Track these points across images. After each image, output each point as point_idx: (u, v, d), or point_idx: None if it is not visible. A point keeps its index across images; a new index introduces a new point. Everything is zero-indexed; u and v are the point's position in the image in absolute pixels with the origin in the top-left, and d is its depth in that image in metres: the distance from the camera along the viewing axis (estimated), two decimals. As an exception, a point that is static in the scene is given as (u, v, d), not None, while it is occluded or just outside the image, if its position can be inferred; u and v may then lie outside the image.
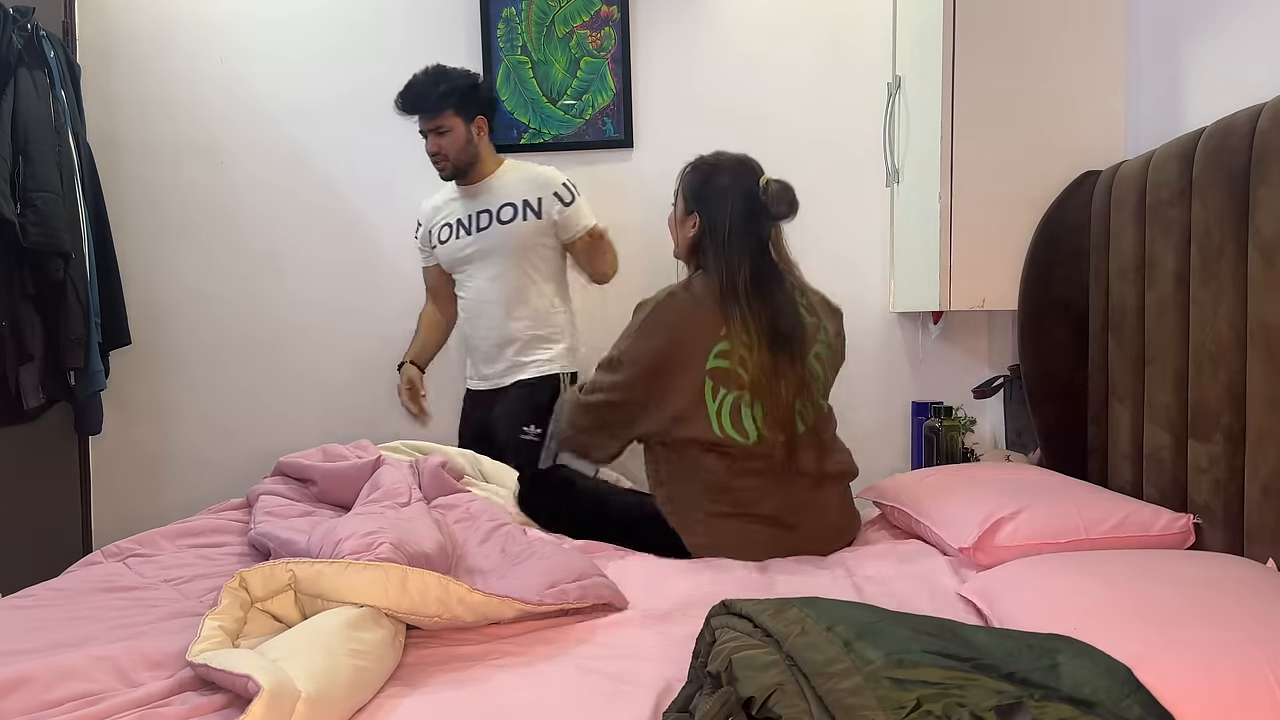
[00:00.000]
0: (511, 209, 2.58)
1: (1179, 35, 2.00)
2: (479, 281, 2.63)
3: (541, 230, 2.59)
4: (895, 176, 2.82)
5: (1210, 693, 1.00)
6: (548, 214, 2.59)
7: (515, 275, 2.59)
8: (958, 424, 2.73)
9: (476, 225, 2.61)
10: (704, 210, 1.96)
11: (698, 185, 2.01)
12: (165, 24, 3.12)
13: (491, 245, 2.59)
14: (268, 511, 1.84)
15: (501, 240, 2.58)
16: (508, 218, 2.58)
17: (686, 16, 3.02)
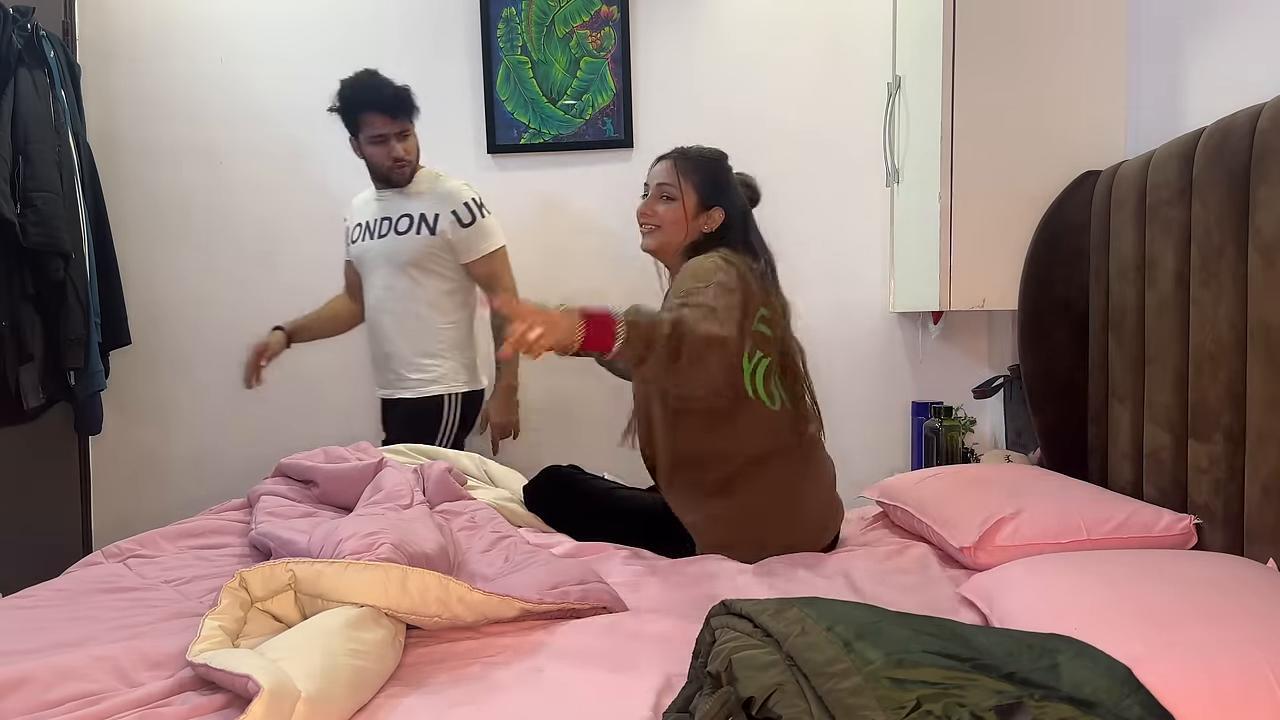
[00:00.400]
0: (408, 220, 2.54)
1: (1179, 35, 2.00)
2: (373, 288, 2.60)
3: (435, 246, 2.53)
4: (895, 176, 2.82)
5: (1210, 693, 1.00)
6: (441, 232, 2.52)
7: (405, 287, 2.54)
8: (958, 424, 2.73)
9: (379, 231, 2.58)
10: (725, 202, 1.97)
11: (717, 178, 1.99)
12: (165, 24, 3.12)
13: (387, 253, 2.55)
14: (269, 512, 1.84)
15: (395, 250, 2.54)
16: (404, 228, 2.54)
17: (686, 16, 3.02)
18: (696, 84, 3.03)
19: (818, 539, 1.87)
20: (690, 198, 1.95)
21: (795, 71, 2.99)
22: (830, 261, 3.03)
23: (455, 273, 2.58)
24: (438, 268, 2.55)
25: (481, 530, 1.79)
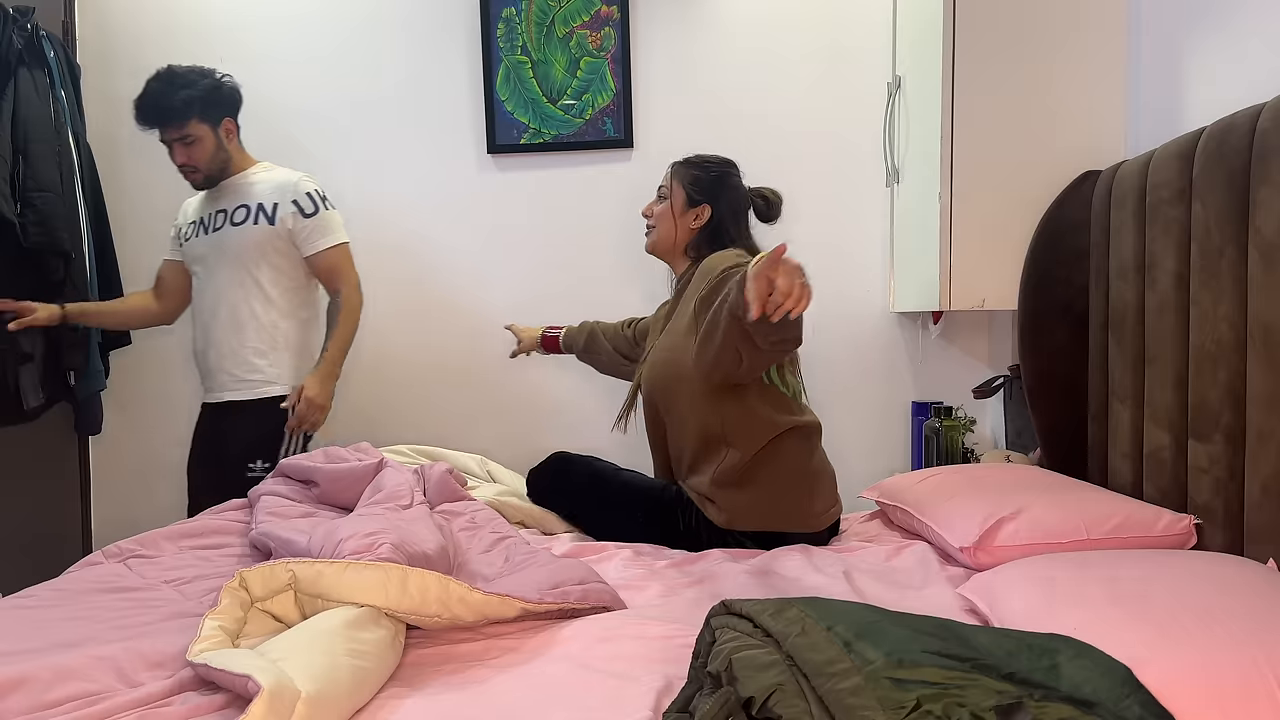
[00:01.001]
0: (245, 211, 2.40)
1: (1179, 35, 2.00)
2: (206, 284, 2.46)
3: (274, 237, 2.40)
4: (895, 176, 2.82)
5: (1210, 693, 1.00)
6: (282, 221, 2.40)
7: (240, 282, 2.40)
8: (958, 424, 2.73)
9: (212, 225, 2.43)
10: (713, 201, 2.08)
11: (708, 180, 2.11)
12: (165, 25, 3.12)
13: (221, 247, 2.41)
14: (270, 512, 1.84)
15: (230, 242, 2.40)
16: (240, 219, 2.40)
17: (686, 16, 3.02)
18: (696, 84, 3.03)
19: (828, 514, 1.98)
20: (678, 195, 2.11)
21: (795, 71, 2.99)
22: (830, 261, 3.03)
23: (295, 267, 2.45)
24: (278, 260, 2.41)
25: (481, 531, 1.79)
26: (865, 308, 3.03)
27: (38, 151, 2.48)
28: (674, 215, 2.10)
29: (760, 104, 3.01)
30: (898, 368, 3.03)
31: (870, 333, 3.03)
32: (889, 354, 3.03)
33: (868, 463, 2.99)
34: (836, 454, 3.05)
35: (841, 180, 2.99)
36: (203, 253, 2.45)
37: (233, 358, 2.42)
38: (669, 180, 2.14)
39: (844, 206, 3.00)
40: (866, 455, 3.02)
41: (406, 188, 3.13)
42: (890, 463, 3.00)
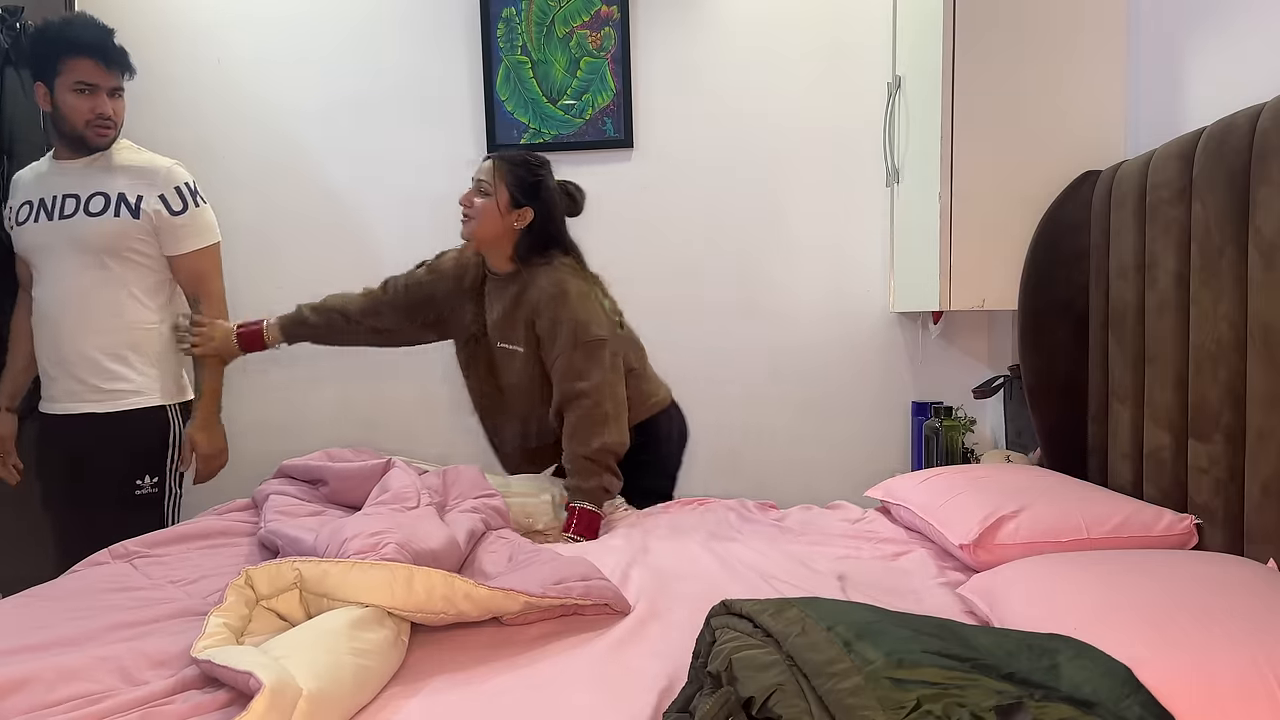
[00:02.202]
0: (103, 200, 2.12)
1: (1179, 35, 2.00)
2: (52, 280, 2.14)
3: (137, 231, 2.14)
4: (895, 176, 2.82)
5: (1210, 693, 1.00)
6: (145, 215, 2.14)
7: (97, 278, 2.12)
8: (958, 424, 2.73)
9: (60, 210, 2.11)
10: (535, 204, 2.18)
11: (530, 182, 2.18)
12: (163, 25, 3.12)
13: (72, 238, 2.10)
14: (279, 510, 1.84)
15: (85, 233, 2.10)
16: (96, 209, 2.11)
17: (686, 16, 3.02)
18: (696, 84, 3.03)
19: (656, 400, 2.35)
20: (502, 194, 2.16)
21: (795, 71, 2.99)
22: (830, 261, 3.03)
23: (160, 265, 2.20)
24: (140, 258, 2.16)
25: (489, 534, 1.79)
26: (865, 308, 3.03)
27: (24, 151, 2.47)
28: (498, 213, 2.16)
29: (760, 104, 3.01)
30: (898, 368, 3.03)
31: (870, 333, 3.03)
32: (889, 354, 3.03)
33: (868, 463, 2.99)
34: (837, 454, 3.07)
35: (841, 180, 3.00)
36: (46, 241, 2.12)
37: (87, 364, 2.13)
38: (491, 176, 2.17)
39: (844, 206, 3.01)
40: (866, 455, 3.03)
41: (406, 188, 3.14)
42: (890, 463, 3.00)
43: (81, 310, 2.13)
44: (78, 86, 2.09)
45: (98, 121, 2.12)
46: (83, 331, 2.13)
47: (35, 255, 2.16)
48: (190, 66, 3.13)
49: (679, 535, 1.93)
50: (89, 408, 2.14)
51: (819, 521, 2.11)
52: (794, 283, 3.05)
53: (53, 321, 2.15)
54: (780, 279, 3.05)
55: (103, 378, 2.14)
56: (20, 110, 2.48)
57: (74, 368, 2.13)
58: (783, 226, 3.04)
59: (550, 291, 2.11)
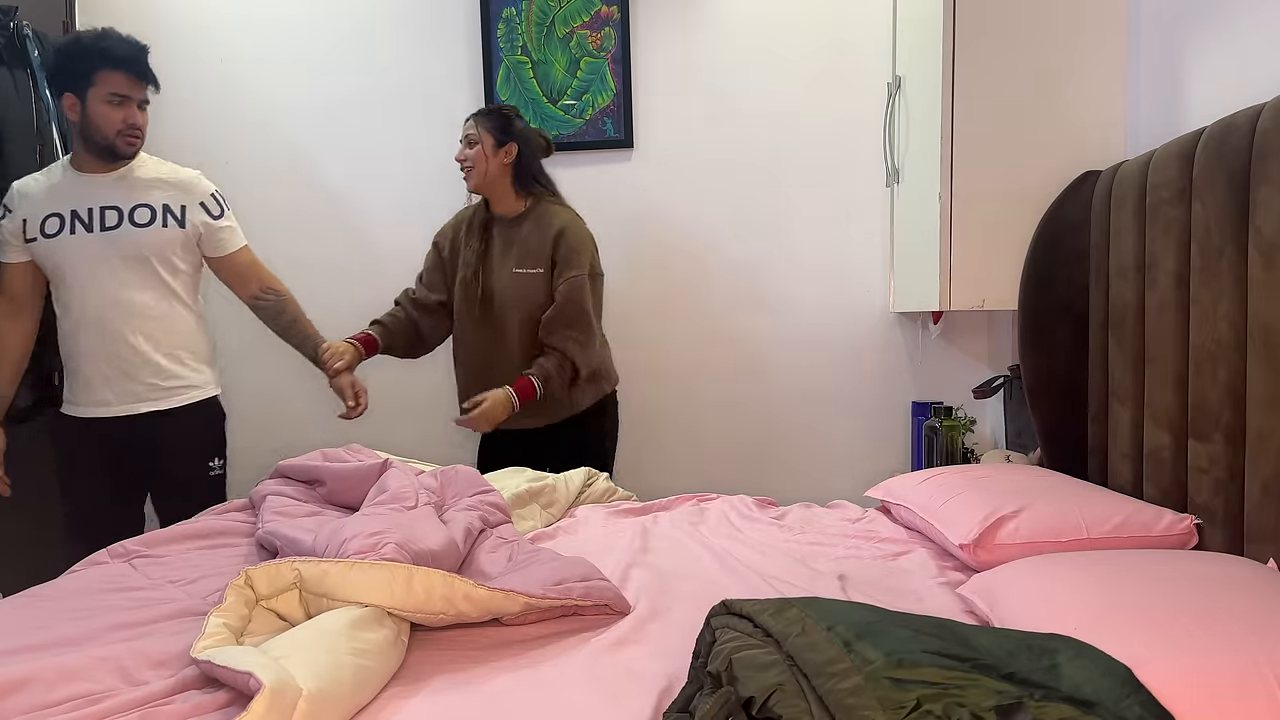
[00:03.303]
0: (149, 211, 2.23)
1: (1179, 35, 2.00)
2: (102, 289, 2.21)
3: (182, 240, 2.28)
4: (895, 176, 2.82)
5: (1210, 693, 1.00)
6: (193, 224, 2.29)
7: (150, 286, 2.24)
8: (958, 424, 2.73)
9: (101, 223, 2.20)
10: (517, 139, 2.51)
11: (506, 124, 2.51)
12: (166, 25, 3.12)
13: (121, 248, 2.20)
14: (276, 511, 1.84)
15: (133, 243, 2.21)
16: (143, 220, 2.22)
17: (686, 16, 3.02)
18: (696, 84, 3.03)
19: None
20: (487, 140, 2.49)
21: (795, 71, 3.00)
22: (830, 261, 3.03)
23: (195, 269, 2.36)
24: (182, 264, 2.30)
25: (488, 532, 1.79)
26: (865, 308, 3.03)
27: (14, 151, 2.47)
28: (487, 156, 2.48)
29: (760, 104, 3.01)
30: (898, 368, 3.03)
31: (870, 333, 3.03)
32: (889, 354, 3.03)
33: (868, 463, 3.00)
34: (837, 453, 3.07)
35: (841, 180, 3.00)
36: (89, 252, 2.20)
37: (149, 367, 2.24)
38: (475, 129, 2.50)
39: (844, 206, 3.01)
40: (866, 455, 3.03)
41: (405, 188, 3.14)
42: (890, 463, 3.00)
43: (139, 317, 2.24)
44: (111, 98, 2.18)
45: (129, 131, 2.22)
46: (142, 337, 2.25)
47: (73, 266, 2.22)
48: (192, 67, 3.13)
49: (679, 534, 1.93)
50: (151, 407, 2.26)
51: (819, 521, 2.11)
52: (794, 282, 3.05)
53: (105, 328, 2.23)
54: (780, 279, 3.05)
55: (162, 377, 2.27)
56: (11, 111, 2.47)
57: (135, 371, 2.25)
58: (783, 226, 3.04)
59: (574, 225, 2.51)
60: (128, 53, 2.19)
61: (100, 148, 2.21)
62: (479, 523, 1.76)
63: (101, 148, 2.21)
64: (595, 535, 1.97)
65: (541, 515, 2.12)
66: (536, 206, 2.53)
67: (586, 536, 1.97)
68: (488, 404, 2.39)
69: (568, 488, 2.24)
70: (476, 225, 2.58)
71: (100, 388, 2.25)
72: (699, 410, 3.08)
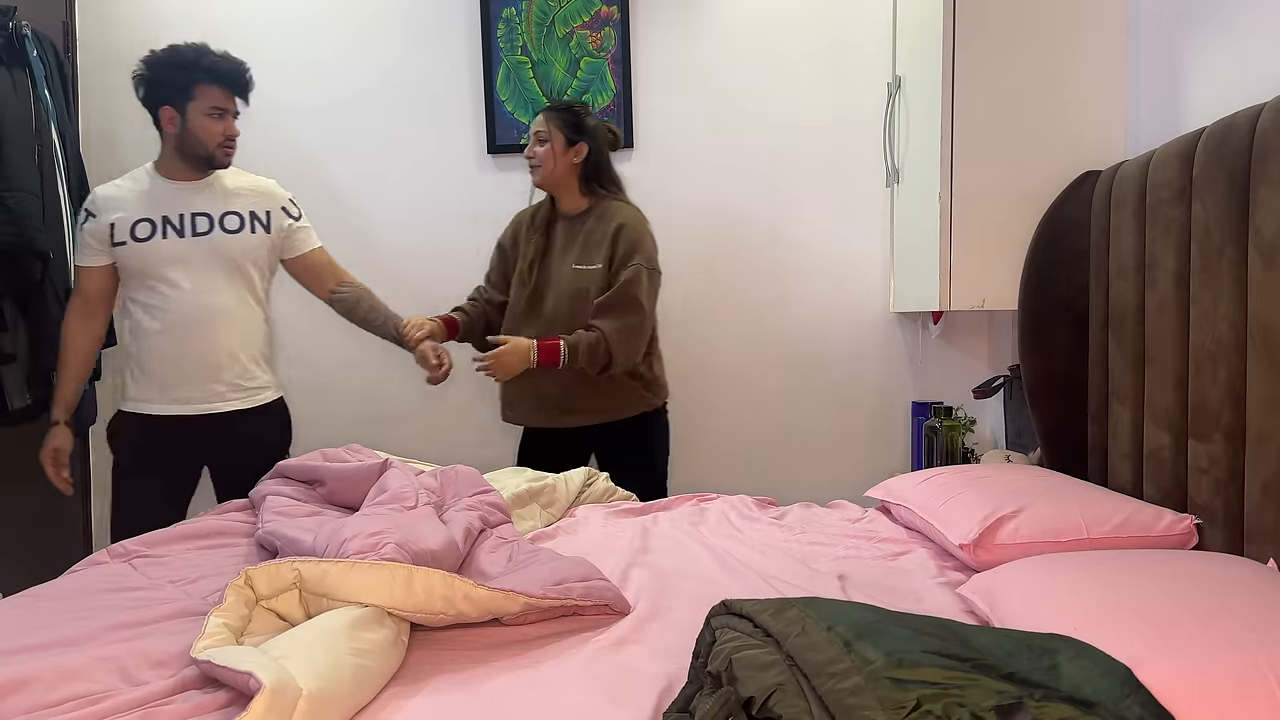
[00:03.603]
0: (238, 219, 2.34)
1: (1179, 35, 2.00)
2: (193, 292, 2.28)
3: (267, 245, 2.38)
4: (895, 176, 2.82)
5: (1210, 693, 1.00)
6: (277, 229, 2.39)
7: (237, 289, 2.34)
8: (958, 424, 2.73)
9: (193, 228, 2.29)
10: (587, 139, 2.48)
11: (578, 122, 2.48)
12: (165, 26, 3.12)
13: (213, 253, 2.30)
14: (276, 511, 1.84)
15: (226, 250, 2.31)
16: (233, 227, 2.32)
17: (686, 16, 3.02)
18: (696, 84, 3.03)
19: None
20: (558, 137, 2.45)
21: (795, 71, 3.00)
22: (830, 261, 3.03)
23: (271, 273, 2.46)
24: (264, 267, 2.41)
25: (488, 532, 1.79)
26: (865, 308, 3.03)
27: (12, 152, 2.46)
28: (557, 155, 2.45)
29: (760, 104, 3.01)
30: (898, 368, 3.03)
31: (870, 333, 3.03)
32: (889, 354, 3.03)
33: (868, 463, 3.00)
34: (837, 453, 3.07)
35: (841, 180, 3.00)
36: (181, 256, 2.28)
37: (236, 367, 2.34)
38: (545, 126, 2.46)
39: (844, 206, 3.01)
40: (866, 455, 3.03)
41: (406, 188, 3.14)
42: (890, 463, 3.00)
43: (226, 319, 2.32)
44: (211, 111, 2.28)
45: (227, 143, 2.32)
46: (232, 337, 2.33)
47: (164, 269, 2.29)
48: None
49: (679, 534, 1.93)
50: (233, 405, 2.34)
51: (819, 521, 2.11)
52: (794, 282, 3.05)
53: (195, 330, 2.29)
54: (780, 279, 3.05)
55: (244, 377, 2.36)
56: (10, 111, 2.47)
57: (222, 371, 2.32)
58: (783, 226, 3.04)
59: (635, 220, 2.47)
60: (228, 69, 2.30)
61: (199, 158, 2.31)
62: (479, 523, 1.76)
63: (201, 158, 2.31)
64: (595, 535, 1.97)
65: (541, 515, 2.12)
66: (600, 203, 2.50)
67: (586, 536, 1.97)
68: (507, 347, 2.33)
69: (567, 488, 2.24)
70: (540, 222, 2.55)
71: (182, 386, 2.31)
72: (699, 410, 3.08)
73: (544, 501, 2.16)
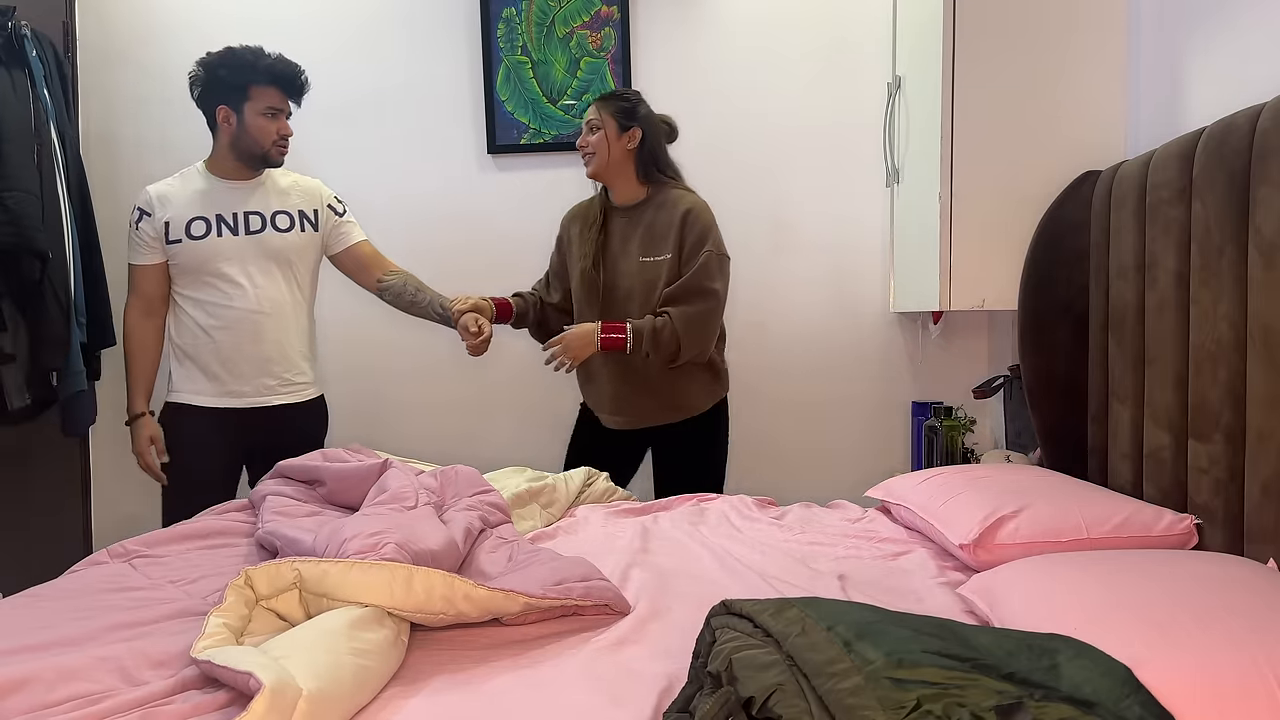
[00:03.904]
0: (288, 218, 2.41)
1: (1179, 35, 2.00)
2: (247, 288, 2.35)
3: (315, 242, 2.46)
4: (895, 176, 2.82)
5: (1210, 693, 1.00)
6: (324, 226, 2.48)
7: (289, 286, 2.41)
8: (958, 424, 2.73)
9: (245, 226, 2.36)
10: (641, 123, 2.40)
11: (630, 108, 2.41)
12: (166, 25, 3.12)
13: (265, 251, 2.37)
14: (276, 511, 1.84)
15: (277, 248, 2.38)
16: (284, 225, 2.40)
17: (686, 16, 3.02)
18: (696, 84, 3.03)
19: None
20: (610, 125, 2.39)
21: (795, 72, 3.00)
22: (830, 261, 3.03)
23: (317, 271, 2.53)
24: (311, 265, 2.49)
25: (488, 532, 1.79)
26: (865, 308, 3.03)
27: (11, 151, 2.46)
28: (610, 141, 2.38)
29: (760, 104, 3.01)
30: (898, 368, 3.03)
31: (870, 333, 3.03)
32: (889, 354, 3.03)
33: (868, 463, 3.00)
34: (837, 454, 3.07)
35: (841, 180, 3.00)
36: (235, 253, 2.35)
37: (286, 361, 2.41)
38: (598, 114, 2.40)
39: (844, 206, 3.01)
40: (866, 455, 3.03)
41: (406, 188, 3.14)
42: (890, 463, 3.00)
43: (281, 315, 2.39)
44: (267, 111, 2.34)
45: (281, 142, 2.38)
46: (285, 333, 2.40)
47: (219, 266, 2.35)
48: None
49: (679, 534, 1.93)
50: (280, 400, 2.41)
51: (819, 520, 2.11)
52: (794, 283, 3.05)
53: (248, 326, 2.36)
54: (780, 279, 3.05)
55: (293, 372, 2.43)
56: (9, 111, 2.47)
57: (274, 366, 2.39)
58: (783, 226, 3.04)
59: (700, 207, 2.37)
60: (284, 70, 2.35)
61: (254, 157, 2.37)
62: (479, 522, 1.76)
63: (256, 157, 2.37)
64: (595, 535, 1.97)
65: (541, 515, 2.12)
66: (659, 193, 2.41)
67: (586, 536, 1.97)
68: (572, 333, 2.31)
69: (567, 487, 2.24)
70: (595, 215, 2.47)
71: (233, 380, 2.37)
72: (699, 410, 3.08)
73: (544, 501, 2.16)
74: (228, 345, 2.36)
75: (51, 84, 2.68)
